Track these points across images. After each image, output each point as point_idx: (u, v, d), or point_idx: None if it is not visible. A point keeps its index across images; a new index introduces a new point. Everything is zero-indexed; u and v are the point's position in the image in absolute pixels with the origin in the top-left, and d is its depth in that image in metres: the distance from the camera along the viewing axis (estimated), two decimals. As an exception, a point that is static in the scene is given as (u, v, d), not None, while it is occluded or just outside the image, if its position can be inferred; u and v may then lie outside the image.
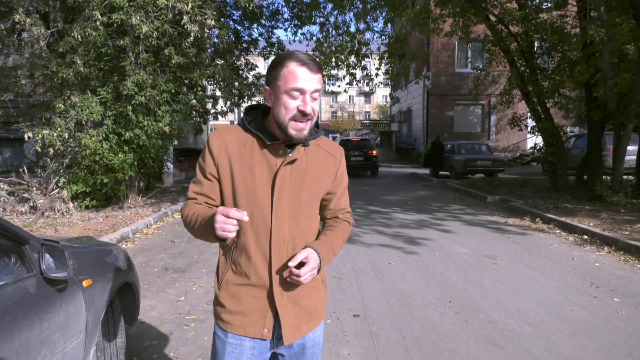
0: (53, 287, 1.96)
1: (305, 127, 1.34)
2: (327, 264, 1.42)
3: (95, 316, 2.26)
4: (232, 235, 1.21)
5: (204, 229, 1.31)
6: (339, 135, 61.17)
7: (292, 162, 1.38)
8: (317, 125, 1.49)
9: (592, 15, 9.17)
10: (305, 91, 1.30)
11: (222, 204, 1.43)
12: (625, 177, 10.30)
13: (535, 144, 12.23)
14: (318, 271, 1.37)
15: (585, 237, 6.44)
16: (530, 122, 12.94)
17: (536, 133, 12.01)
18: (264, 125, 1.40)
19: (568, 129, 18.01)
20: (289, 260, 1.34)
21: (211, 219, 1.24)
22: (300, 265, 1.32)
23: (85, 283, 2.21)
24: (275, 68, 1.34)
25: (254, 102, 14.77)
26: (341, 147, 1.56)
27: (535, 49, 11.77)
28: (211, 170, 1.40)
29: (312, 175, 1.43)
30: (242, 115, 1.49)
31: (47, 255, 1.96)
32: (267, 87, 1.39)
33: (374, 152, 18.43)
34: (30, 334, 1.74)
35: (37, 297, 1.86)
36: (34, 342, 1.76)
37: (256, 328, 1.39)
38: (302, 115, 1.31)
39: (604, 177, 10.15)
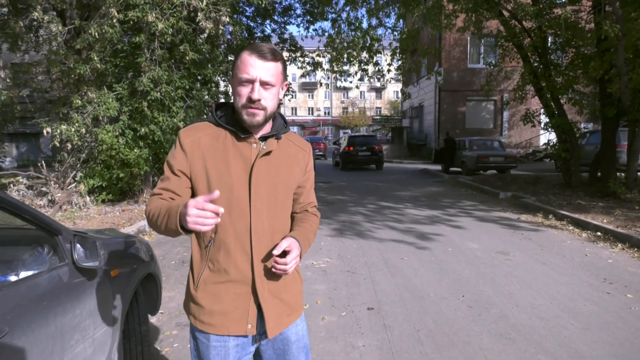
0: (84, 276, 2.05)
1: (257, 112, 1.35)
2: (304, 253, 1.44)
3: (122, 305, 2.36)
4: (208, 228, 1.15)
5: (167, 220, 1.25)
6: (349, 131, 61.13)
7: (268, 153, 1.40)
8: (285, 121, 1.53)
9: (607, 10, 9.08)
10: (254, 79, 1.32)
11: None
12: (639, 173, 10.21)
13: (549, 140, 12.14)
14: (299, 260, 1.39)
15: (599, 233, 6.43)
16: (544, 118, 12.86)
17: (549, 129, 11.94)
18: (235, 120, 1.41)
19: (582, 125, 17.87)
20: (271, 251, 1.34)
21: (177, 209, 1.21)
22: (283, 255, 1.33)
23: (112, 273, 2.30)
24: (235, 59, 1.39)
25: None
26: (309, 142, 1.60)
27: (549, 44, 11.68)
28: (180, 167, 1.38)
29: (286, 168, 1.45)
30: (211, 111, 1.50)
31: (79, 246, 2.05)
32: (230, 77, 1.42)
33: (380, 147, 19.95)
34: (65, 320, 1.84)
35: (69, 285, 1.95)
36: (67, 328, 1.85)
37: (239, 326, 1.38)
38: (251, 101, 1.33)
39: (617, 173, 10.07)
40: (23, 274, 1.92)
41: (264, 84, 1.34)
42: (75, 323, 1.91)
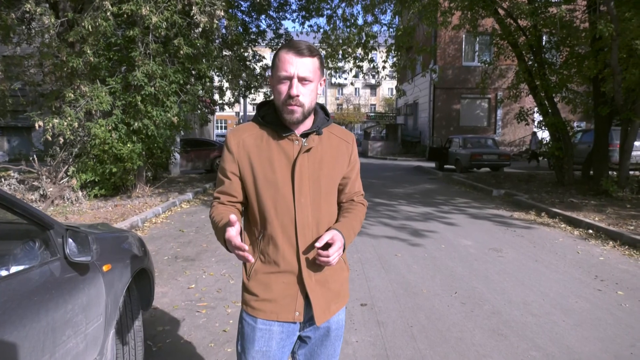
0: (76, 271, 2.03)
1: (295, 109, 1.38)
2: (349, 243, 1.47)
3: (115, 300, 2.34)
4: (249, 261, 1.28)
5: (218, 237, 1.42)
6: (343, 128, 60.98)
7: (309, 150, 1.43)
8: (327, 114, 1.56)
9: (602, 9, 9.12)
10: (292, 76, 1.35)
11: (245, 198, 1.50)
12: (631, 172, 10.30)
13: (542, 139, 12.19)
14: (343, 251, 1.42)
15: (591, 231, 6.48)
16: (537, 117, 12.92)
17: (543, 128, 12.00)
18: (277, 119, 1.45)
19: (575, 124, 17.96)
20: (315, 242, 1.40)
21: (223, 233, 1.32)
22: (327, 246, 1.37)
23: (105, 268, 2.28)
24: (273, 60, 1.43)
25: (260, 93, 14.80)
26: (352, 133, 1.62)
27: (544, 43, 11.73)
28: (232, 169, 1.46)
29: (328, 161, 1.48)
30: (255, 111, 1.55)
31: (71, 240, 2.03)
32: (270, 77, 1.46)
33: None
34: (56, 315, 1.82)
35: (61, 280, 1.93)
36: (59, 323, 1.83)
37: (288, 312, 1.44)
38: (290, 98, 1.36)
39: (610, 172, 10.15)
40: (14, 269, 1.90)
41: (301, 79, 1.37)
42: (67, 318, 1.89)
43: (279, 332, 1.47)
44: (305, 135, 1.45)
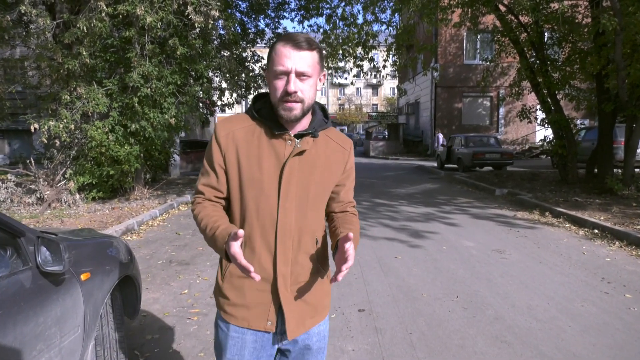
0: (49, 281, 1.91)
1: (294, 107, 1.29)
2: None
3: (94, 310, 2.22)
4: (255, 279, 1.18)
5: (214, 246, 1.29)
6: (345, 128, 60.97)
7: (301, 153, 1.34)
8: (326, 116, 1.46)
9: (605, 4, 8.96)
10: (289, 71, 1.26)
11: (228, 194, 1.39)
12: (636, 170, 10.12)
13: (545, 137, 12.04)
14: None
15: (596, 231, 6.32)
16: (540, 114, 12.76)
17: (546, 125, 11.84)
18: (272, 114, 1.36)
19: (578, 121, 17.79)
20: (300, 253, 1.34)
21: (222, 243, 1.22)
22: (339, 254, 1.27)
23: (83, 276, 2.16)
24: (269, 53, 1.33)
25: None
26: (350, 139, 1.52)
27: (546, 39, 11.57)
28: (218, 161, 1.36)
29: (321, 167, 1.39)
30: (250, 103, 1.45)
31: (44, 248, 1.91)
32: (266, 72, 1.35)
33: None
34: (25, 328, 1.70)
35: (32, 291, 1.82)
36: (29, 337, 1.72)
37: (259, 321, 1.36)
38: (287, 94, 1.27)
39: (615, 170, 9.99)
40: (-18, 279, 1.78)
41: (300, 74, 1.27)
42: (38, 331, 1.78)
43: (252, 341, 1.38)
44: (299, 136, 1.35)
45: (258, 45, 13.79)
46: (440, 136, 20.08)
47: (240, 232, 1.12)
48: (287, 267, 1.35)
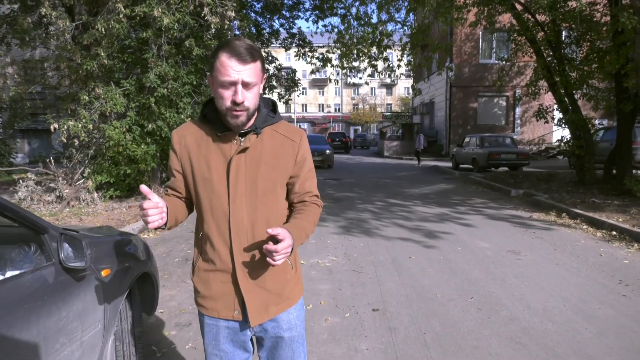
0: (71, 276, 1.96)
1: (241, 114, 1.35)
2: (299, 245, 1.44)
3: (114, 306, 2.27)
4: (153, 225, 1.31)
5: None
6: (359, 128, 60.81)
7: (244, 150, 1.41)
8: (274, 110, 1.52)
9: (624, 2, 8.82)
10: (236, 82, 1.31)
11: (189, 195, 1.53)
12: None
13: (562, 137, 11.88)
14: (291, 252, 1.36)
15: (614, 233, 6.23)
16: (557, 114, 12.59)
17: (563, 125, 11.68)
18: (217, 118, 1.43)
19: (596, 121, 17.53)
20: (255, 244, 1.41)
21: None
22: (275, 242, 1.32)
23: (104, 273, 2.22)
24: (212, 58, 1.37)
25: (274, 95, 14.76)
26: (302, 130, 1.56)
27: (563, 38, 11.42)
28: (175, 166, 1.50)
29: (267, 161, 1.44)
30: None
31: (66, 245, 1.96)
32: (209, 76, 1.40)
33: (346, 140, 35.36)
34: (48, 322, 1.75)
35: (55, 286, 1.87)
36: (52, 331, 1.77)
37: (227, 311, 1.47)
38: (235, 104, 1.33)
39: (633, 171, 9.81)
40: (9, 274, 1.84)
41: (246, 85, 1.33)
42: (60, 326, 1.83)
43: (225, 327, 1.50)
44: (244, 134, 1.42)
45: (273, 45, 13.86)
46: (422, 137, 20.19)
47: (142, 187, 1.30)
48: (244, 258, 1.42)
